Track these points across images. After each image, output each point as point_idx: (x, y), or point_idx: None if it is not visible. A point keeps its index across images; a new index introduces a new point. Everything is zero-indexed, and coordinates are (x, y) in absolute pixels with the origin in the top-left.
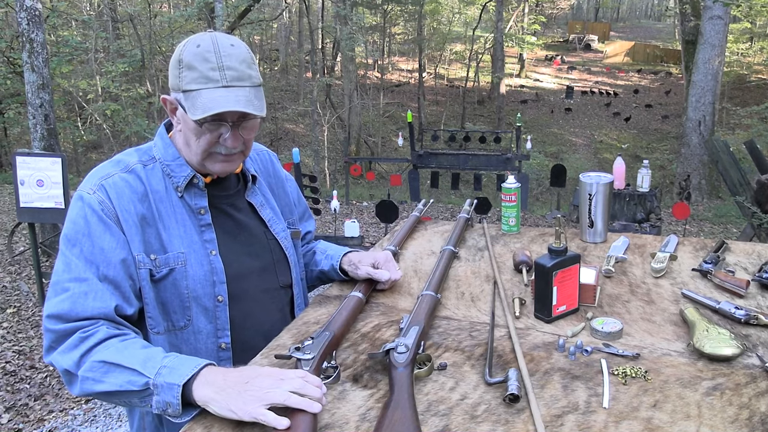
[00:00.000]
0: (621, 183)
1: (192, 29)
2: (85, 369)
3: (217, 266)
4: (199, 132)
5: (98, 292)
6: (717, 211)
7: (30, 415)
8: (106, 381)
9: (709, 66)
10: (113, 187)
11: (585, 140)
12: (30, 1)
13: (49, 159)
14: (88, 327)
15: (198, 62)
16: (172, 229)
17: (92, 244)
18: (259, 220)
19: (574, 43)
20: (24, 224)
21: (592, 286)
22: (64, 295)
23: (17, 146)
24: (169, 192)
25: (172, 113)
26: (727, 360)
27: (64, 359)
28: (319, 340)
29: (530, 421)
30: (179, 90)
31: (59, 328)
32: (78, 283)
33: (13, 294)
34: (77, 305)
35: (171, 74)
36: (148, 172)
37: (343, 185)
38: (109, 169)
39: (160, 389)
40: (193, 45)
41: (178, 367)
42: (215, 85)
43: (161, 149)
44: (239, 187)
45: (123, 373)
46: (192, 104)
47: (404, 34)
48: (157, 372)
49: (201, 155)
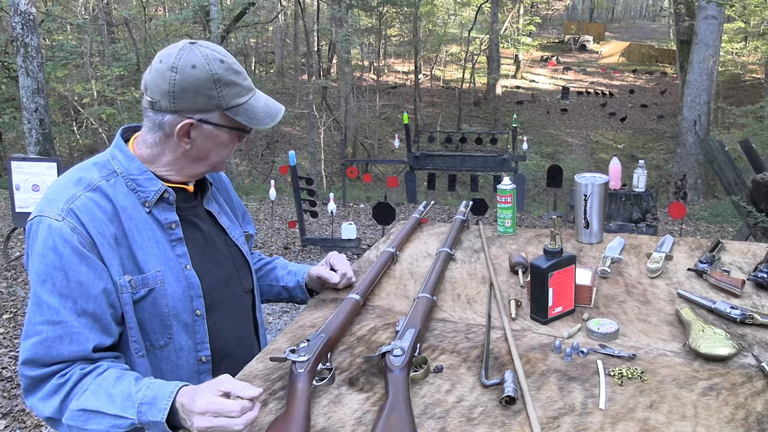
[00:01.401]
0: (617, 183)
1: (187, 32)
2: (68, 417)
3: (193, 281)
4: (232, 141)
5: (74, 335)
6: (713, 210)
7: (27, 420)
8: (90, 428)
9: (703, 66)
10: (83, 210)
11: (581, 141)
12: (24, 6)
13: (44, 164)
14: (64, 370)
15: (233, 76)
16: (145, 248)
17: (67, 278)
18: (219, 228)
19: (570, 44)
20: (20, 229)
21: (588, 287)
22: (37, 338)
23: (12, 151)
24: (136, 208)
25: (184, 136)
26: (723, 360)
27: (45, 407)
28: (314, 342)
29: (527, 423)
30: (217, 108)
31: (34, 375)
32: (51, 326)
33: (9, 299)
34: (52, 350)
35: (198, 96)
36: (112, 187)
37: (340, 187)
38: (72, 190)
39: (148, 426)
40: (217, 61)
41: (155, 400)
42: (253, 93)
43: (123, 162)
44: (198, 197)
45: (104, 418)
46: (251, 116)
47: (400, 36)
48: (138, 411)
49: (220, 162)
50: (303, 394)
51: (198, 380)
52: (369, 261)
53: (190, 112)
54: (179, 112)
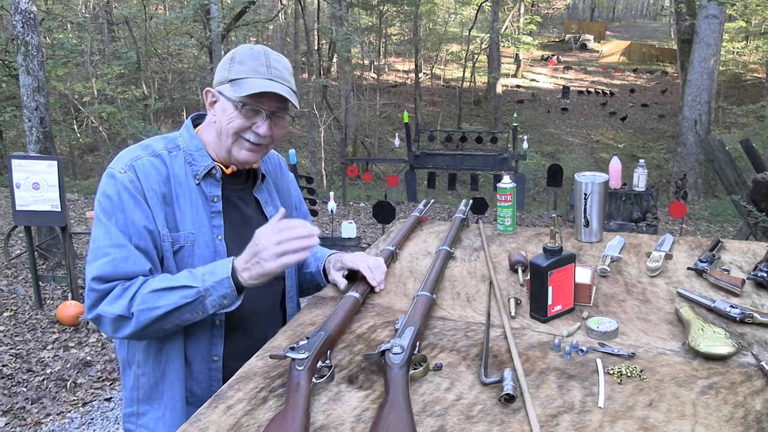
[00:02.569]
0: (617, 182)
1: (188, 31)
2: (138, 303)
3: (221, 249)
4: (236, 115)
5: (136, 258)
6: (713, 209)
7: (27, 418)
8: (161, 304)
9: (704, 65)
10: (141, 168)
11: (581, 140)
12: (25, 4)
13: (45, 162)
14: (125, 282)
15: (249, 59)
16: (186, 211)
17: (125, 216)
18: (263, 216)
19: (570, 43)
20: (20, 227)
21: (588, 286)
22: (106, 258)
23: (13, 149)
24: (188, 178)
25: (211, 106)
26: (722, 359)
27: (114, 307)
28: (313, 339)
29: (526, 421)
30: (226, 81)
31: (103, 287)
32: (119, 248)
33: (10, 297)
34: (119, 268)
35: (220, 70)
36: (172, 158)
37: (340, 186)
38: (139, 152)
39: (212, 290)
40: (247, 48)
41: (215, 270)
42: (261, 77)
43: (186, 140)
44: (249, 183)
45: (173, 292)
46: (239, 87)
47: (400, 35)
48: (202, 280)
49: (232, 137)
50: (302, 392)
51: (209, 342)
52: None
53: (215, 85)
54: (213, 84)
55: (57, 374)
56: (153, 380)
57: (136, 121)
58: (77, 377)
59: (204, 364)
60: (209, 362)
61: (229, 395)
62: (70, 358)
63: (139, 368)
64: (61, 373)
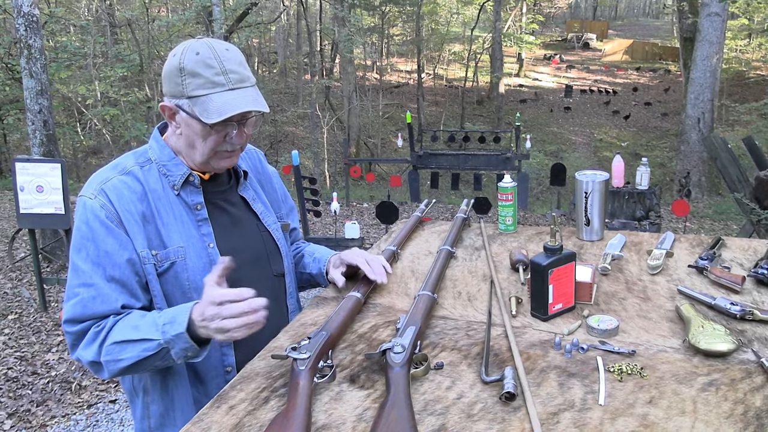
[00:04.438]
0: (620, 181)
1: (190, 33)
2: (104, 354)
3: (215, 258)
4: (207, 134)
5: (105, 296)
6: (717, 208)
7: (32, 420)
8: (125, 357)
9: (707, 63)
10: (113, 190)
11: (584, 139)
12: (27, 7)
13: (48, 165)
14: (98, 323)
15: (201, 69)
16: (170, 225)
17: (96, 247)
18: (252, 214)
19: (573, 42)
20: (24, 230)
21: (589, 284)
22: (75, 299)
23: (17, 152)
24: (165, 190)
25: (170, 118)
26: (723, 356)
27: (87, 353)
28: (315, 339)
29: (526, 419)
30: (183, 96)
31: (75, 330)
32: (86, 288)
33: (15, 300)
34: (87, 309)
35: (169, 82)
36: (145, 173)
37: (343, 187)
38: (108, 173)
39: (173, 343)
40: (192, 53)
41: (175, 319)
42: (222, 89)
43: (156, 151)
44: (231, 183)
45: (134, 345)
46: (204, 109)
47: (402, 35)
48: (162, 331)
49: (208, 155)
50: (304, 391)
51: (220, 355)
52: None
53: (168, 96)
54: (165, 95)
55: (62, 376)
56: (164, 407)
57: (140, 123)
58: (82, 379)
59: (219, 378)
60: (223, 375)
61: (232, 395)
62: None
63: (148, 396)
64: (66, 375)
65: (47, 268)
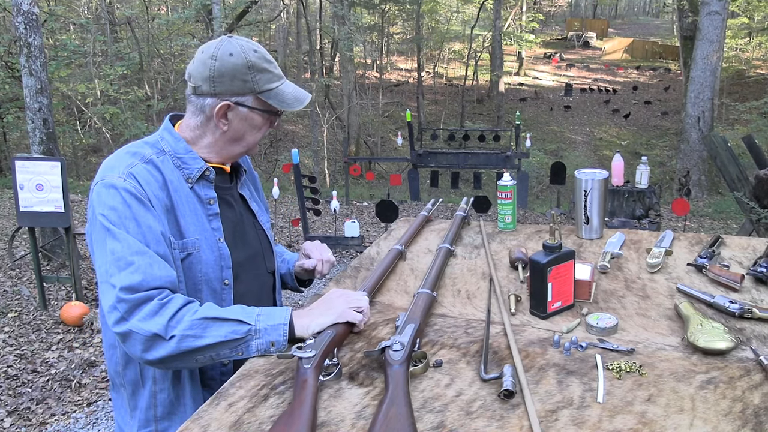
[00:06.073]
0: (620, 180)
1: (190, 31)
2: (183, 328)
3: (224, 252)
4: (264, 124)
5: (160, 262)
6: (717, 206)
7: (32, 418)
8: (209, 334)
9: (707, 62)
10: (140, 175)
11: (584, 137)
12: (27, 5)
13: (48, 163)
14: (162, 295)
15: (266, 64)
16: (187, 217)
17: (138, 224)
18: (249, 211)
19: (573, 41)
20: (24, 229)
21: (588, 282)
22: (131, 268)
23: (16, 151)
24: (180, 182)
25: (222, 117)
26: (721, 354)
27: (150, 324)
28: (320, 338)
29: (525, 417)
30: (251, 92)
31: (133, 298)
32: (140, 255)
33: (14, 298)
34: (147, 275)
35: (234, 80)
36: (162, 163)
37: (343, 185)
38: (130, 159)
39: (263, 333)
40: (250, 51)
41: (271, 313)
42: (283, 81)
43: (171, 142)
44: (234, 180)
45: (224, 325)
46: (281, 100)
47: (402, 34)
48: (256, 319)
49: (254, 144)
50: (310, 390)
51: None
52: (370, 258)
53: (227, 95)
54: (218, 95)
55: (62, 374)
56: (174, 395)
57: (139, 121)
58: (82, 377)
59: (215, 368)
60: (220, 366)
61: (231, 392)
62: (74, 358)
63: (156, 385)
64: (65, 373)
65: (47, 266)
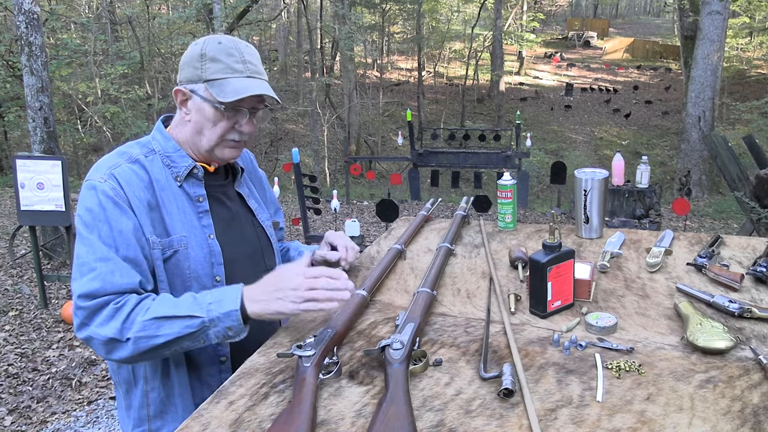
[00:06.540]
0: (620, 179)
1: (191, 30)
2: (137, 330)
3: (215, 249)
4: (218, 118)
5: (123, 269)
6: (717, 206)
7: (33, 417)
8: (162, 333)
9: (708, 61)
10: (122, 176)
11: (585, 137)
12: (28, 4)
13: (49, 162)
14: (117, 299)
15: (222, 56)
16: (173, 215)
17: (110, 227)
18: (247, 209)
19: (573, 40)
20: (25, 227)
21: (587, 282)
22: (91, 274)
23: (17, 149)
24: (169, 181)
25: (182, 104)
26: (721, 353)
27: (105, 329)
28: (320, 337)
29: (524, 415)
30: (200, 80)
31: (91, 304)
32: (103, 262)
33: (15, 297)
34: (106, 282)
35: (188, 67)
36: (150, 162)
37: (344, 185)
38: (116, 160)
39: (217, 321)
40: (215, 42)
41: (223, 299)
42: (241, 75)
43: (161, 142)
44: (229, 178)
45: (176, 322)
46: (221, 90)
47: (403, 33)
48: (207, 309)
49: (215, 141)
50: (309, 388)
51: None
52: (370, 257)
53: (184, 82)
54: (179, 83)
55: (62, 373)
56: (164, 394)
57: (140, 120)
58: (82, 376)
59: (213, 366)
60: (217, 364)
61: (231, 391)
62: (75, 356)
63: (147, 384)
64: (66, 371)
65: (48, 265)
